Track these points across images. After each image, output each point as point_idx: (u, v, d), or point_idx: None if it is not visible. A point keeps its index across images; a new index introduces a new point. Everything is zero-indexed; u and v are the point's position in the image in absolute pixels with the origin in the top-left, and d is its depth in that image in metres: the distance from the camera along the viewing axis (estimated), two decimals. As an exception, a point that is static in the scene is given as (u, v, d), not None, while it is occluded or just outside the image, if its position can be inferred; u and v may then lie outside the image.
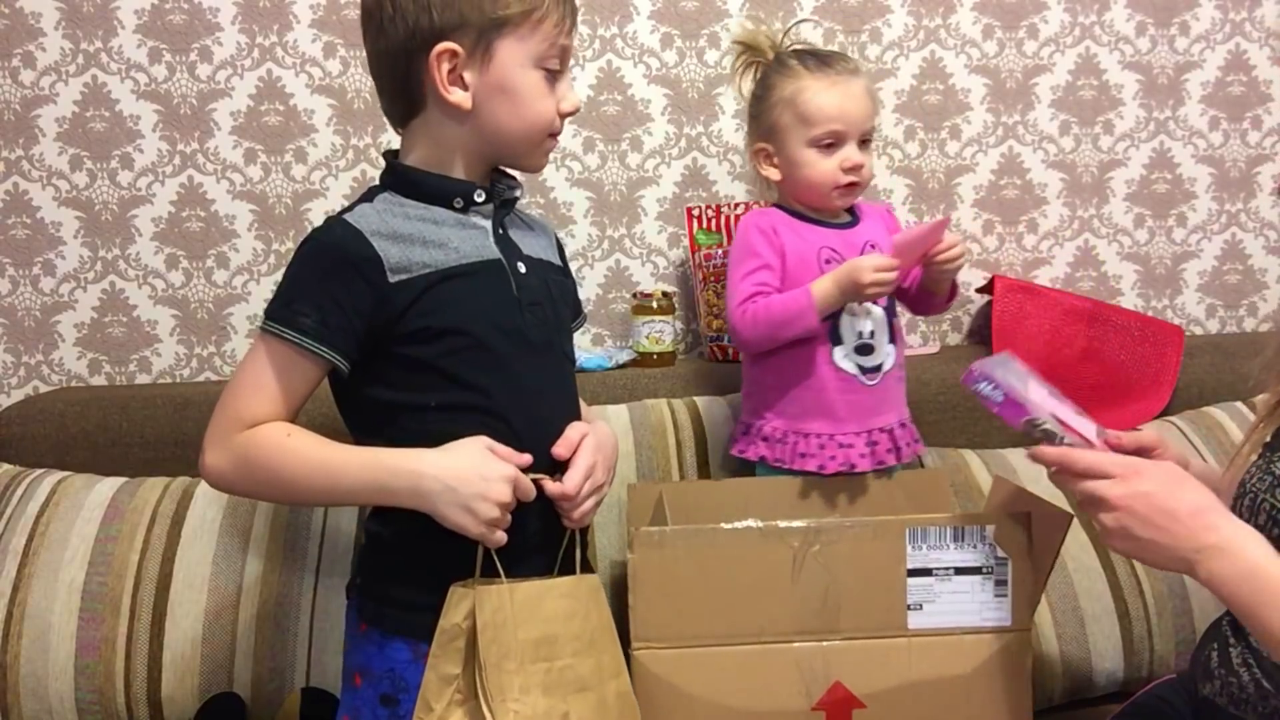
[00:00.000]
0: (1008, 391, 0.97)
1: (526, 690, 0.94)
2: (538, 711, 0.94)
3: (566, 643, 0.97)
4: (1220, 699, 1.01)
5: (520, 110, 0.98)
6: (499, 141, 0.99)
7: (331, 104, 1.69)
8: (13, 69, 1.63)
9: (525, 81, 0.97)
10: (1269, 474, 0.97)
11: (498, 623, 0.93)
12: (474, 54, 0.96)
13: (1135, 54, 1.85)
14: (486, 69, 0.96)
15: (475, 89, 0.97)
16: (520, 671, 0.94)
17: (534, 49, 0.97)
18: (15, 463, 1.49)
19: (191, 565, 1.36)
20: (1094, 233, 1.89)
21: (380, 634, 1.00)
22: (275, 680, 1.32)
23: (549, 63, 0.98)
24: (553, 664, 0.96)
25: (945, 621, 1.04)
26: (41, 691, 1.29)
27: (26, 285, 1.68)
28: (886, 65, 1.79)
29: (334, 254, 0.96)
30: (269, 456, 0.95)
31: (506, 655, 0.94)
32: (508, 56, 0.96)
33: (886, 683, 1.04)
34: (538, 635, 0.95)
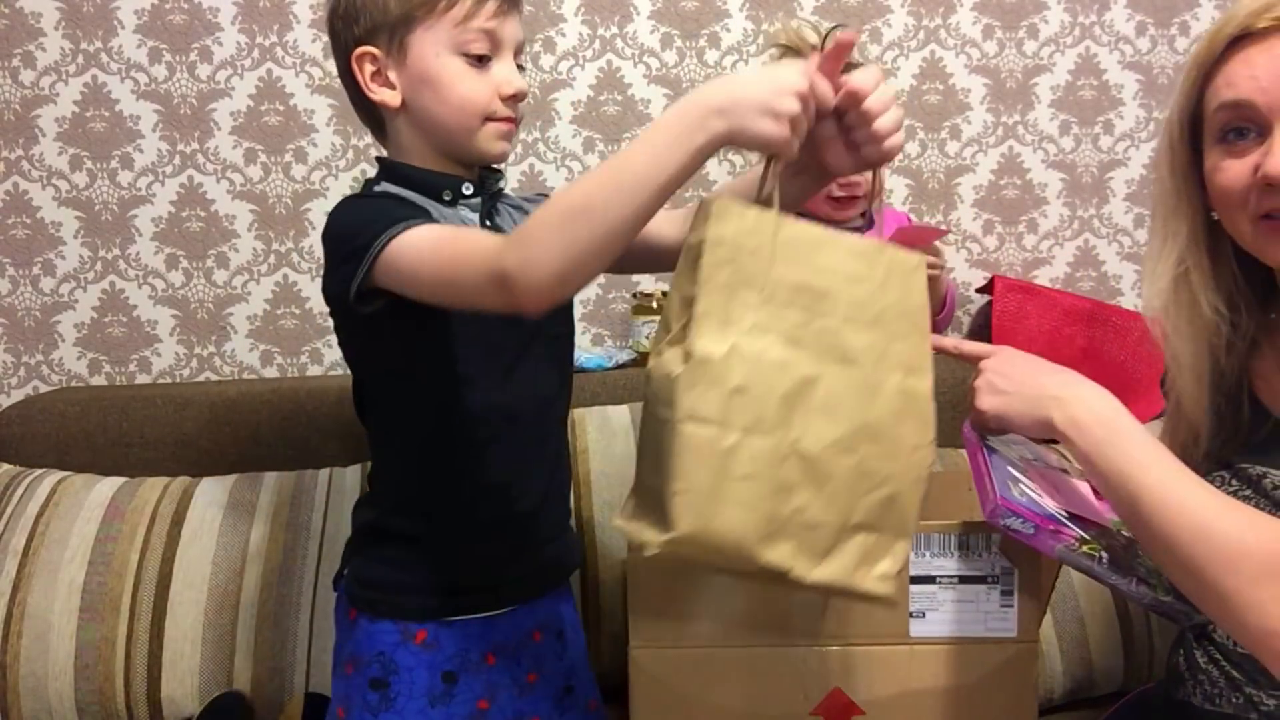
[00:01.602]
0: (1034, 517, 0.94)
1: (763, 330, 0.77)
2: (767, 359, 0.77)
3: (842, 305, 0.80)
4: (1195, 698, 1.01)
5: (444, 96, 0.98)
6: (436, 132, 1.00)
7: (331, 104, 1.69)
8: (13, 69, 1.63)
9: (445, 69, 0.98)
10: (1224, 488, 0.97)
11: (744, 246, 0.77)
12: (391, 53, 0.99)
13: (1135, 54, 1.85)
14: (404, 64, 0.99)
15: (402, 86, 0.99)
16: (763, 308, 0.77)
17: (447, 37, 0.98)
18: (15, 463, 1.49)
19: (191, 565, 1.36)
20: (1094, 233, 1.89)
21: (368, 619, 1.02)
22: (275, 680, 1.32)
23: (470, 48, 0.98)
24: (814, 320, 0.79)
25: (948, 630, 1.02)
26: (41, 691, 1.29)
27: (26, 285, 1.68)
28: (886, 65, 1.79)
29: (395, 200, 0.98)
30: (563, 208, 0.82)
31: (748, 283, 0.77)
32: (420, 48, 0.98)
33: (887, 690, 1.02)
34: (801, 281, 0.79)
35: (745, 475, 0.76)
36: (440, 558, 1.02)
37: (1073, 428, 0.89)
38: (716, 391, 0.75)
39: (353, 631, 1.03)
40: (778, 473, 0.77)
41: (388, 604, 1.02)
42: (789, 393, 0.77)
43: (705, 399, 0.75)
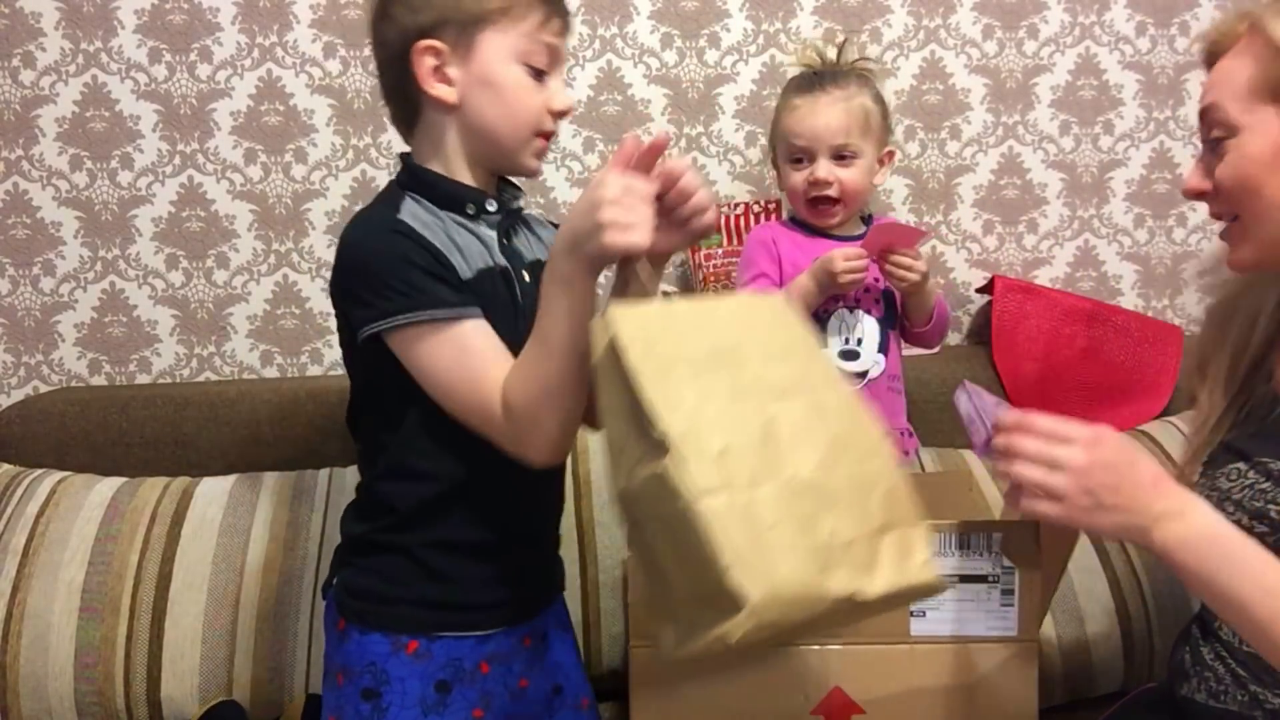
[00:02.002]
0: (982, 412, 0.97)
1: (708, 396, 0.79)
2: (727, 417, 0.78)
3: (754, 350, 0.84)
4: (1199, 695, 1.02)
5: (505, 103, 0.98)
6: (485, 136, 1.00)
7: (331, 104, 1.69)
8: (13, 69, 1.63)
9: (508, 76, 0.98)
10: (1214, 489, 0.98)
11: (650, 337, 0.81)
12: (456, 49, 0.97)
13: (1135, 54, 1.85)
14: (469, 63, 0.97)
15: (460, 84, 0.98)
16: (697, 379, 0.80)
17: (515, 44, 0.98)
18: (15, 463, 1.49)
19: (191, 565, 1.36)
20: (1094, 233, 1.88)
21: (359, 630, 1.01)
22: (275, 680, 1.32)
23: (533, 59, 0.99)
24: (739, 373, 0.82)
25: (949, 630, 1.02)
26: (41, 691, 1.29)
27: (26, 285, 1.68)
28: (886, 65, 1.79)
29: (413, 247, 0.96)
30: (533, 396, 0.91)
31: (672, 365, 0.80)
32: (489, 51, 0.97)
33: (887, 689, 1.02)
34: (709, 345, 0.82)
35: (773, 524, 0.76)
36: (432, 574, 1.01)
37: (1177, 552, 0.85)
38: (706, 461, 0.76)
39: (343, 642, 1.02)
40: (794, 509, 0.77)
41: (378, 615, 1.01)
42: (761, 439, 0.79)
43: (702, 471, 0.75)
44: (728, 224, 1.70)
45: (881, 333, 1.40)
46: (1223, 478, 0.98)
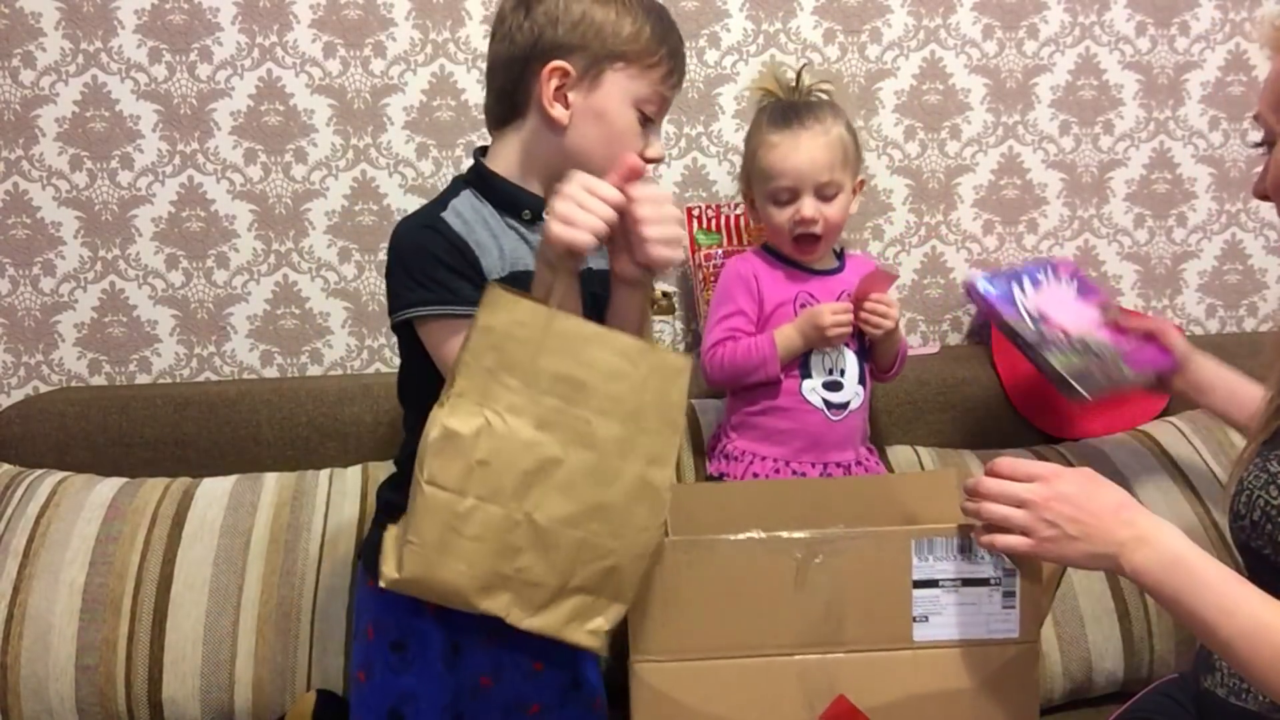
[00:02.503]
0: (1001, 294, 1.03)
1: (518, 412, 0.88)
2: (517, 438, 0.88)
3: (597, 398, 0.90)
4: (1220, 690, 1.02)
5: (610, 139, 1.03)
6: (578, 163, 1.02)
7: (331, 104, 1.69)
8: (13, 69, 1.63)
9: (622, 116, 1.03)
10: (1264, 471, 0.99)
11: (513, 335, 0.87)
12: (584, 78, 1.02)
13: (1135, 54, 1.85)
14: (591, 94, 1.02)
15: (575, 109, 1.02)
16: (522, 392, 0.88)
17: (638, 90, 1.03)
18: (15, 463, 1.49)
19: (192, 566, 1.36)
20: (1094, 233, 1.89)
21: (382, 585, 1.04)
22: (276, 681, 1.32)
23: (647, 107, 1.04)
24: (568, 408, 0.89)
25: (951, 634, 1.02)
26: (42, 692, 1.29)
27: (26, 285, 1.68)
28: (886, 65, 1.79)
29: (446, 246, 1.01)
30: None
31: (511, 369, 0.88)
32: (613, 88, 1.02)
33: (891, 696, 1.02)
34: (564, 372, 0.89)
35: (474, 536, 0.88)
36: None
37: (1144, 576, 0.88)
38: (460, 463, 0.87)
39: (374, 598, 1.07)
40: (506, 537, 0.89)
41: None
42: (531, 470, 0.88)
43: (447, 469, 0.87)
44: (728, 224, 1.70)
45: (860, 365, 1.41)
46: (1275, 460, 0.98)
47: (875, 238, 1.83)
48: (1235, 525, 1.02)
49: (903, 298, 1.85)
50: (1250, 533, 0.98)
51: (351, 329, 1.74)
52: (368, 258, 1.73)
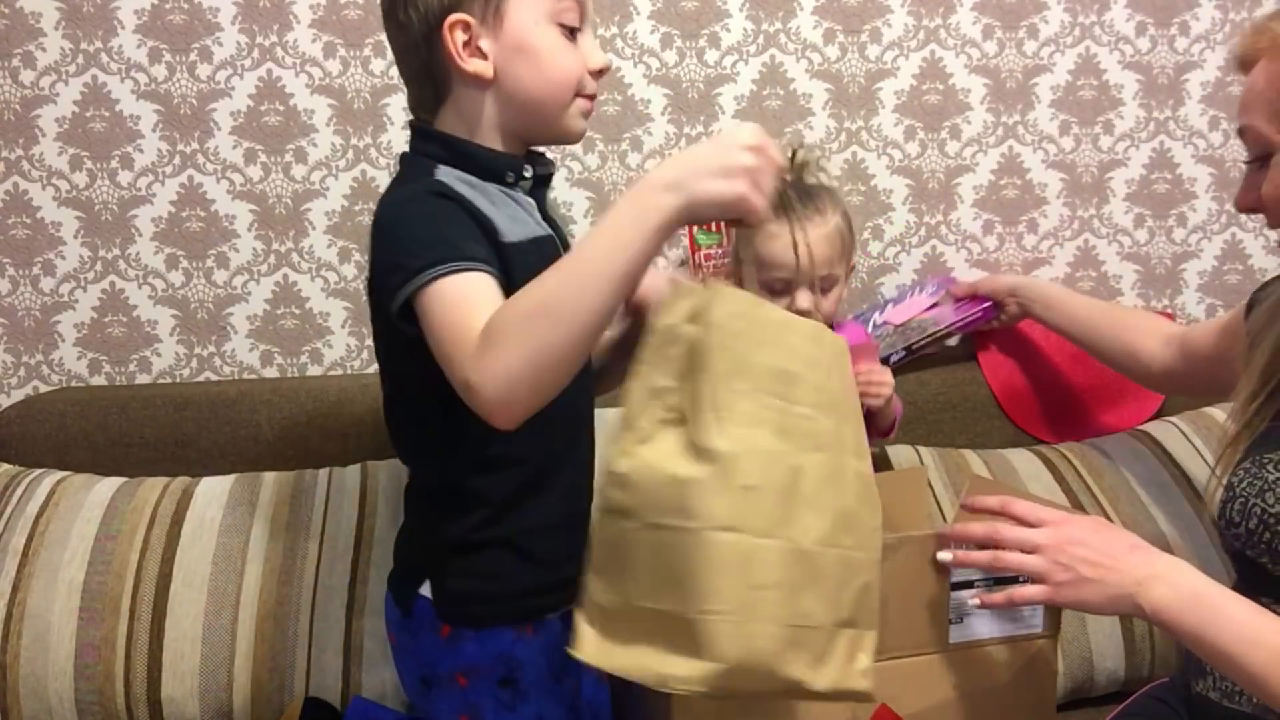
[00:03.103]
0: None
1: (757, 422, 0.74)
2: (765, 451, 0.74)
3: (808, 390, 0.78)
4: (1213, 694, 1.01)
5: (543, 67, 0.96)
6: (528, 106, 0.97)
7: (331, 104, 1.69)
8: (13, 69, 1.63)
9: (544, 38, 0.95)
10: (1259, 478, 0.97)
11: (733, 329, 0.75)
12: (485, 20, 0.94)
13: (1135, 54, 1.85)
14: (500, 33, 0.95)
15: (494, 55, 0.95)
16: (752, 398, 0.75)
17: (546, 5, 0.95)
18: (15, 463, 1.49)
19: (191, 565, 1.36)
20: (1094, 233, 1.88)
21: (471, 630, 1.00)
22: (275, 680, 1.32)
23: (565, 17, 0.96)
24: (790, 407, 0.77)
25: (983, 633, 1.02)
26: (41, 691, 1.29)
27: (26, 285, 1.68)
28: (886, 65, 1.79)
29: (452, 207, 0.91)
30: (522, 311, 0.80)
31: (739, 372, 0.74)
32: (519, 16, 0.95)
33: (930, 700, 1.01)
34: (778, 366, 0.77)
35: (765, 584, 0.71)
36: (533, 560, 1.01)
37: (1165, 614, 0.87)
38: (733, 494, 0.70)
39: (455, 645, 1.01)
40: (789, 575, 0.72)
41: (492, 614, 1.00)
42: (784, 487, 0.73)
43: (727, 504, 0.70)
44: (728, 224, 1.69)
45: None
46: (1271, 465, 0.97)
47: (875, 238, 1.83)
48: (1229, 533, 1.00)
49: (903, 298, 1.85)
50: (1246, 541, 0.97)
51: (351, 329, 1.74)
52: (368, 258, 1.72)
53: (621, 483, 0.75)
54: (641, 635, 0.73)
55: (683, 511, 0.70)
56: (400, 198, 0.95)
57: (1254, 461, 0.99)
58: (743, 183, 0.77)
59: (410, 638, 1.04)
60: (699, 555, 0.69)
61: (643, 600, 0.73)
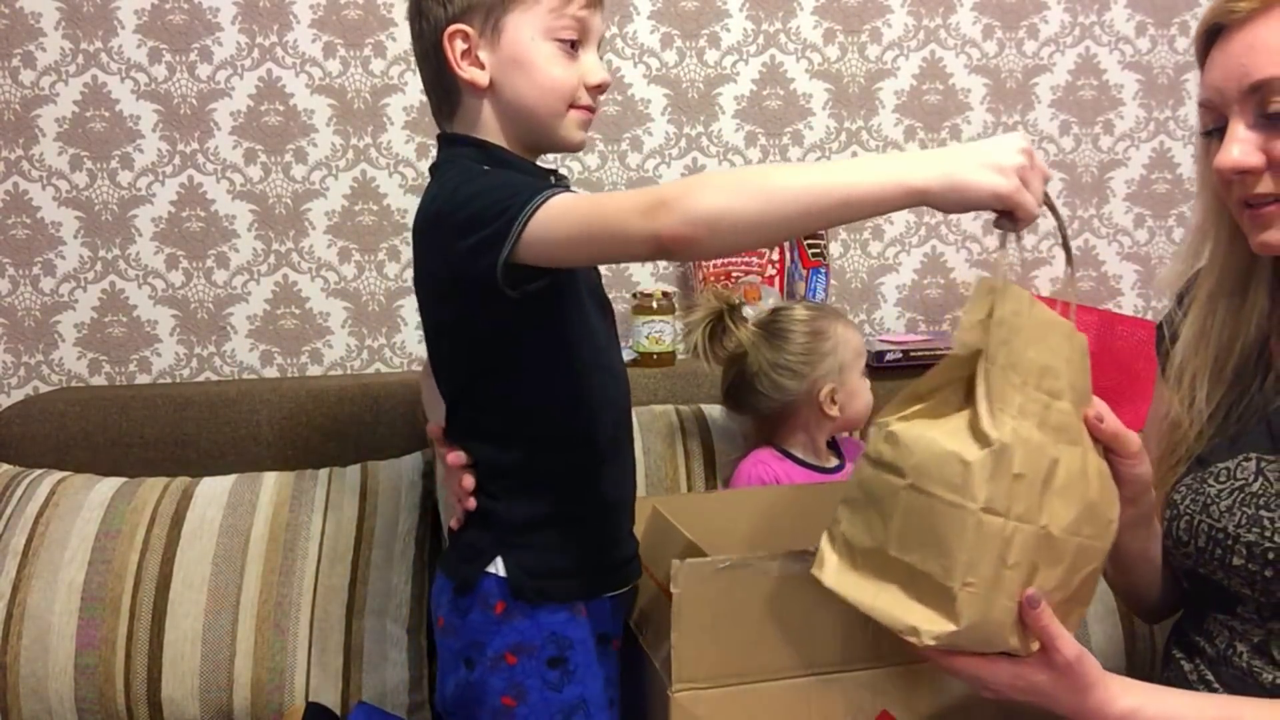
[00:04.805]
0: None
1: (1025, 414, 0.79)
2: (1032, 442, 0.79)
3: (1065, 386, 0.83)
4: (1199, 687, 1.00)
5: (535, 79, 1.00)
6: (521, 115, 1.01)
7: (331, 104, 1.69)
8: (13, 69, 1.63)
9: (537, 52, 1.00)
10: (1200, 493, 0.96)
11: (1014, 325, 0.80)
12: (485, 33, 0.99)
13: (1135, 54, 1.85)
14: (498, 45, 0.99)
15: (491, 66, 1.00)
16: (1023, 391, 0.80)
17: (542, 21, 0.99)
18: (15, 463, 1.49)
19: (191, 565, 1.35)
20: (1094, 233, 1.89)
21: (528, 606, 1.02)
22: (275, 681, 1.32)
23: (562, 34, 1.00)
24: (1052, 401, 0.82)
25: None
26: (41, 691, 1.29)
27: (26, 285, 1.68)
28: (886, 65, 1.79)
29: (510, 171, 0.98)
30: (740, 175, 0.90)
31: (1013, 366, 0.79)
32: (516, 30, 0.99)
33: (931, 706, 1.00)
34: (1043, 362, 0.82)
35: (1015, 564, 0.78)
36: (594, 538, 1.05)
37: None
38: (1005, 481, 0.77)
39: (508, 621, 1.02)
40: (1034, 556, 0.79)
41: (554, 589, 1.03)
42: (1044, 477, 0.79)
43: (998, 490, 0.76)
44: (728, 224, 1.69)
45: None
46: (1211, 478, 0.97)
47: (875, 238, 1.83)
48: (1178, 551, 0.98)
49: (903, 298, 1.85)
50: (1197, 559, 0.95)
51: (351, 329, 1.74)
52: (368, 258, 1.73)
53: (892, 440, 0.81)
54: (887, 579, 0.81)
55: (957, 488, 0.77)
56: (465, 179, 0.97)
57: (1195, 477, 0.98)
58: (1015, 178, 0.80)
59: (460, 617, 1.06)
60: (967, 532, 0.76)
61: (896, 551, 0.80)
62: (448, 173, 1.03)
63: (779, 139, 1.79)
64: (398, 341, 1.75)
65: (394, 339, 1.75)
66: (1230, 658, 0.94)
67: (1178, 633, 1.03)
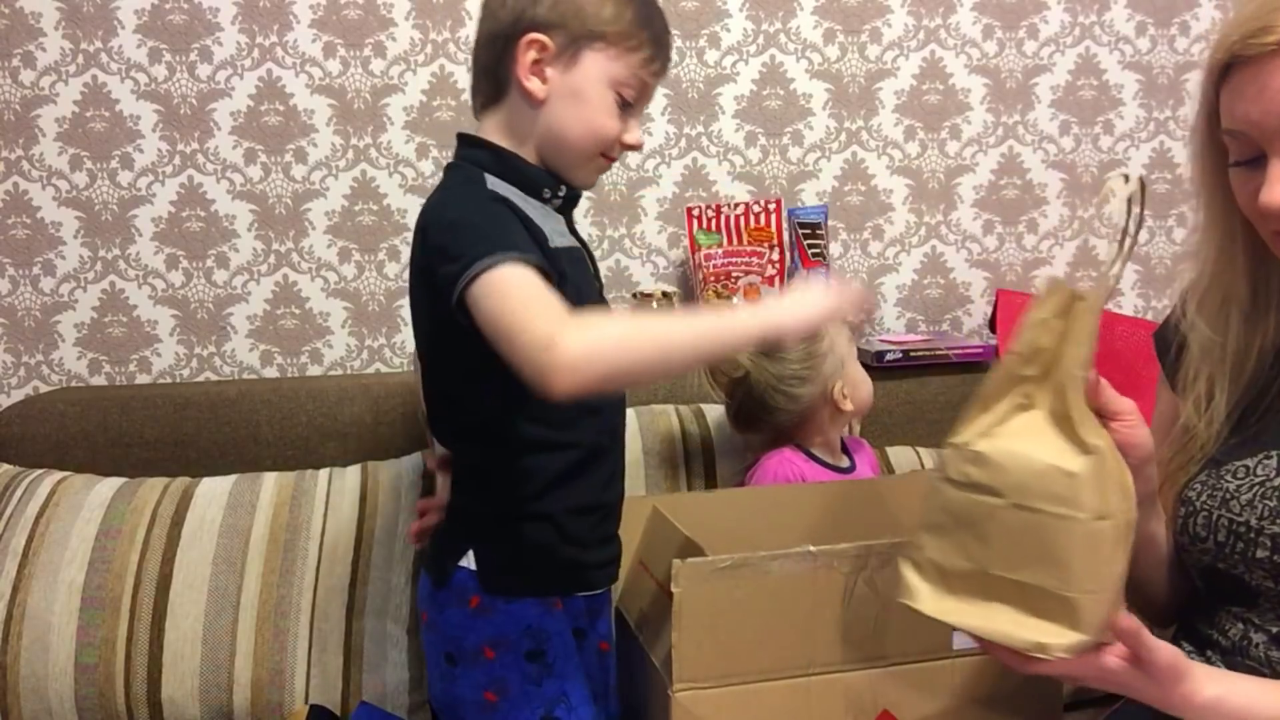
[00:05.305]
0: None
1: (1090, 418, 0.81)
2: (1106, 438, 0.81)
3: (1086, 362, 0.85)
4: None
5: (585, 117, 1.03)
6: (556, 141, 1.03)
7: (331, 104, 1.69)
8: (13, 69, 1.63)
9: (598, 95, 1.03)
10: (1218, 489, 0.96)
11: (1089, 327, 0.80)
12: (562, 54, 1.01)
13: (1135, 54, 1.85)
14: (568, 72, 1.02)
15: (552, 85, 1.02)
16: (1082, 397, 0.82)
17: (616, 71, 1.03)
18: (15, 463, 1.49)
19: (191, 566, 1.35)
20: (1094, 233, 1.88)
21: (504, 601, 1.03)
22: (275, 681, 1.32)
23: (625, 90, 1.04)
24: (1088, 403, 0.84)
25: None
26: (42, 691, 1.29)
27: (26, 285, 1.68)
28: (886, 65, 1.79)
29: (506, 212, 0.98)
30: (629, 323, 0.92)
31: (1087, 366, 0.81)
32: (591, 68, 1.02)
33: (932, 707, 1.00)
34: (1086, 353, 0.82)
35: (1116, 559, 0.79)
36: (569, 538, 1.05)
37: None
38: (1103, 483, 0.78)
39: (484, 615, 1.03)
40: (1124, 549, 0.80)
41: (527, 583, 1.04)
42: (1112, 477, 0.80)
43: (1100, 493, 0.78)
44: (728, 224, 1.70)
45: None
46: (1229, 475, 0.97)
47: (875, 238, 1.83)
48: (1194, 548, 0.98)
49: (903, 298, 1.85)
50: (1217, 554, 0.96)
51: (351, 329, 1.74)
52: (368, 258, 1.73)
53: (980, 461, 0.81)
54: (994, 599, 0.81)
55: (1064, 500, 0.77)
56: (456, 198, 1.01)
57: (1210, 474, 0.98)
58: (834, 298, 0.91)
59: (439, 612, 1.07)
60: (1082, 541, 0.77)
61: (1001, 570, 0.80)
62: (453, 179, 1.05)
63: (779, 139, 1.79)
64: (398, 341, 1.75)
65: (394, 339, 1.75)
66: (1246, 649, 0.94)
67: (1186, 627, 1.03)
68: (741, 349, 0.98)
